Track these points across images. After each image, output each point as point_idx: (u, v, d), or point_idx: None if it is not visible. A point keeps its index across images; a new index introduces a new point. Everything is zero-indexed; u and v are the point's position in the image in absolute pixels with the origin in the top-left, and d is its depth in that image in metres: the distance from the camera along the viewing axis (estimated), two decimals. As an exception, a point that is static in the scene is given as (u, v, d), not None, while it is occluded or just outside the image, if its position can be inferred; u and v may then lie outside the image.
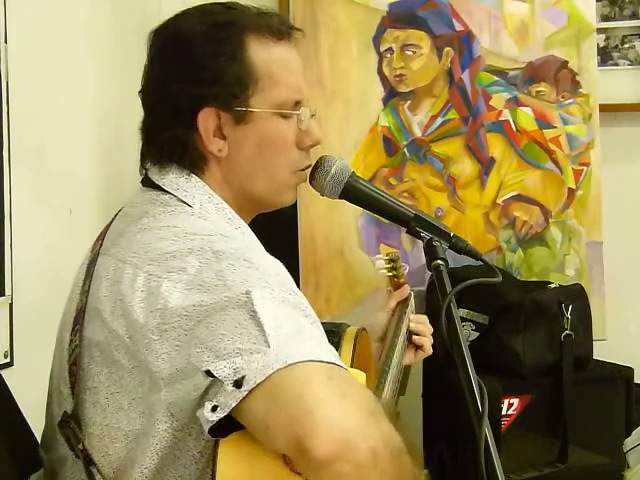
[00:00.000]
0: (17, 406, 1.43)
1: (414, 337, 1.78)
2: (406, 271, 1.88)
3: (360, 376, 1.19)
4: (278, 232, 2.57)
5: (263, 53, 1.33)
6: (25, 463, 1.32)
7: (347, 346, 1.39)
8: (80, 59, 2.32)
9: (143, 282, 1.18)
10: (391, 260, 1.84)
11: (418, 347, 1.79)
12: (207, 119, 1.31)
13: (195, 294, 1.12)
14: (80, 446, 1.20)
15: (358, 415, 1.01)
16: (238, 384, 1.02)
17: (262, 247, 1.35)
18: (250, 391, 1.01)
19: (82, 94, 2.34)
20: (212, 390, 1.05)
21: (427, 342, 1.79)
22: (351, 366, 1.35)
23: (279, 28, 1.36)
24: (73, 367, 1.23)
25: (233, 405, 1.02)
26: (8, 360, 1.98)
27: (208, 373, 1.05)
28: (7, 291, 1.98)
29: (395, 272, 1.85)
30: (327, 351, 1.07)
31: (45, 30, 2.14)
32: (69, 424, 1.22)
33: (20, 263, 2.01)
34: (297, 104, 1.36)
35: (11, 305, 2.00)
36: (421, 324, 1.79)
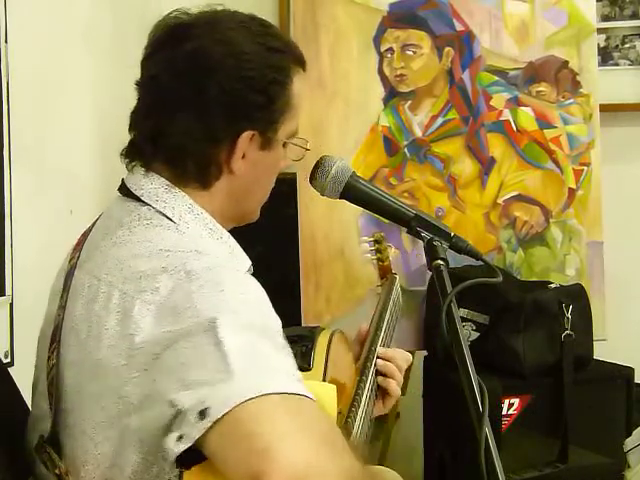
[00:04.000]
0: (24, 405, 1.43)
1: (379, 378, 1.60)
2: (392, 252, 1.81)
3: (330, 392, 1.19)
4: (278, 232, 2.58)
5: (299, 85, 1.34)
6: (25, 464, 1.32)
7: (320, 351, 1.37)
8: (80, 59, 2.32)
9: (117, 302, 1.16)
10: (376, 242, 1.77)
11: (385, 394, 1.62)
12: (246, 140, 1.30)
13: (165, 319, 1.11)
14: (57, 471, 1.19)
15: (317, 449, 0.98)
16: (202, 415, 1.00)
17: (244, 256, 1.35)
18: (213, 423, 1.00)
19: (82, 94, 2.34)
20: (178, 419, 1.03)
21: (393, 384, 1.61)
22: (324, 371, 1.33)
23: (304, 60, 1.37)
24: (51, 387, 1.22)
25: (197, 436, 1.00)
26: (8, 360, 1.98)
27: (173, 402, 1.04)
28: (7, 291, 1.98)
29: (380, 255, 1.78)
30: (290, 380, 1.05)
31: (45, 30, 2.14)
32: (45, 449, 1.21)
33: (20, 263, 2.01)
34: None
35: (11, 305, 2.00)
36: (389, 362, 1.61)
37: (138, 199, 1.29)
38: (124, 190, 1.32)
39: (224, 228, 1.35)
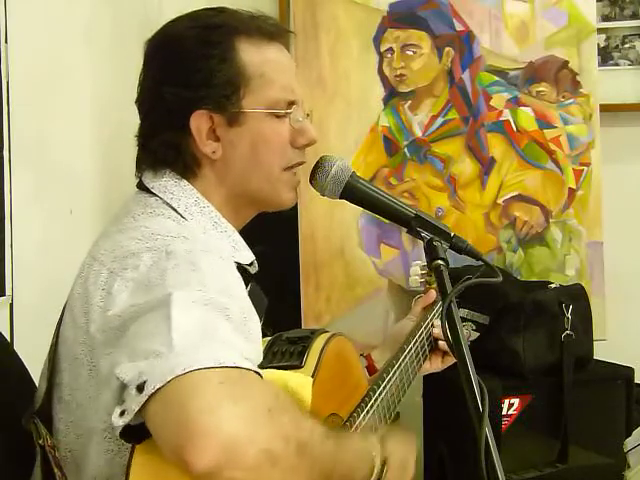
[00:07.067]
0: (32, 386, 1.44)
1: (440, 342, 1.80)
2: None
3: (304, 382, 1.22)
4: (278, 232, 2.58)
5: (254, 54, 1.34)
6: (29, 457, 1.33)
7: (315, 351, 1.37)
8: (80, 59, 2.32)
9: (105, 280, 1.20)
10: (428, 267, 1.89)
11: (445, 353, 1.81)
12: (199, 121, 1.32)
13: (138, 294, 1.13)
14: (40, 441, 1.22)
15: (250, 417, 0.98)
16: (140, 389, 1.00)
17: (247, 251, 1.37)
18: (150, 396, 0.99)
19: (82, 94, 2.34)
20: (123, 393, 1.04)
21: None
22: (315, 369, 1.34)
23: (270, 30, 1.37)
24: (50, 364, 1.26)
25: (136, 410, 1.00)
26: (8, 360, 1.97)
27: (118, 375, 1.05)
28: (7, 291, 1.98)
29: (429, 279, 1.89)
30: (235, 354, 1.03)
31: (45, 30, 2.14)
32: (33, 419, 1.23)
33: (20, 263, 2.01)
34: (290, 104, 1.37)
35: (11, 305, 2.00)
36: None
37: (149, 191, 1.34)
38: (140, 185, 1.37)
39: (243, 217, 1.38)
